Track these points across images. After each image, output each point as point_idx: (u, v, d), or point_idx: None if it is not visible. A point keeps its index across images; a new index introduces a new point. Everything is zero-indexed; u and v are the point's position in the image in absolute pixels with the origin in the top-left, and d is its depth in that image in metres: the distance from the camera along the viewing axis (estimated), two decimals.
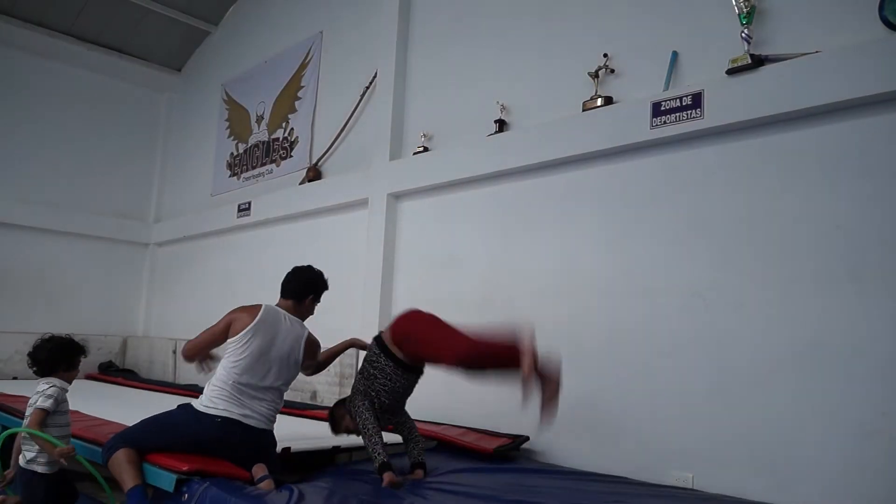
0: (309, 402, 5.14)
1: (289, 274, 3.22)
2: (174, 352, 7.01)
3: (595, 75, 3.79)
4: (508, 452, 3.50)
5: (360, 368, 3.08)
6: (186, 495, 2.43)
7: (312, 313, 3.24)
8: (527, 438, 3.62)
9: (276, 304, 3.14)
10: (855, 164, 2.87)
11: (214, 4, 7.73)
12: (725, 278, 3.18)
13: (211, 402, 2.81)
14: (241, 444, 2.78)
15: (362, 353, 4.86)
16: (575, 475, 3.19)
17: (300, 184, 5.98)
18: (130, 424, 2.97)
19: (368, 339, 4.82)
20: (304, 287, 3.16)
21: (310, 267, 3.24)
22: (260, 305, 3.01)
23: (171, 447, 2.73)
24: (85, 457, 2.75)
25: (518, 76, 4.37)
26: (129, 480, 2.62)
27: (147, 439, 2.76)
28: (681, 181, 3.42)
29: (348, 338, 3.40)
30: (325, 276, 3.25)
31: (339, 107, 5.82)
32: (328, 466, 3.24)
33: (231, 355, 2.89)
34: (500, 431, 3.72)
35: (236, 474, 2.65)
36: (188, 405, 2.89)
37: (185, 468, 2.54)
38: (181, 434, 2.76)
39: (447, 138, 4.73)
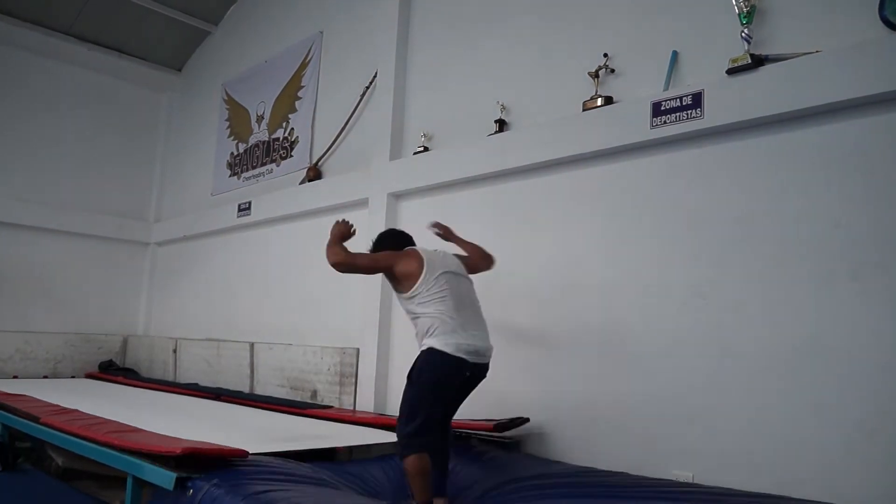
0: (309, 401, 5.15)
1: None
2: (174, 351, 7.01)
3: (595, 75, 3.79)
4: (510, 426, 3.54)
5: None
6: (192, 491, 2.41)
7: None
8: (526, 420, 3.63)
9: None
10: (855, 164, 2.87)
11: (214, 4, 7.72)
12: (725, 278, 3.19)
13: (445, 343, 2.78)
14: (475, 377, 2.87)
15: (363, 353, 4.91)
16: (575, 472, 3.19)
17: (300, 183, 5.99)
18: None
19: (366, 341, 4.88)
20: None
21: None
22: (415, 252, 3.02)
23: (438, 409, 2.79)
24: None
25: (518, 76, 4.37)
26: (418, 494, 2.66)
27: (426, 430, 2.71)
28: (681, 181, 3.42)
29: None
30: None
31: (339, 106, 5.83)
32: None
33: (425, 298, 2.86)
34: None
35: (231, 453, 2.64)
36: (427, 354, 2.79)
37: (178, 451, 2.50)
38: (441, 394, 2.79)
39: (447, 138, 4.73)
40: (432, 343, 2.78)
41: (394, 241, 3.14)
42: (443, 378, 2.78)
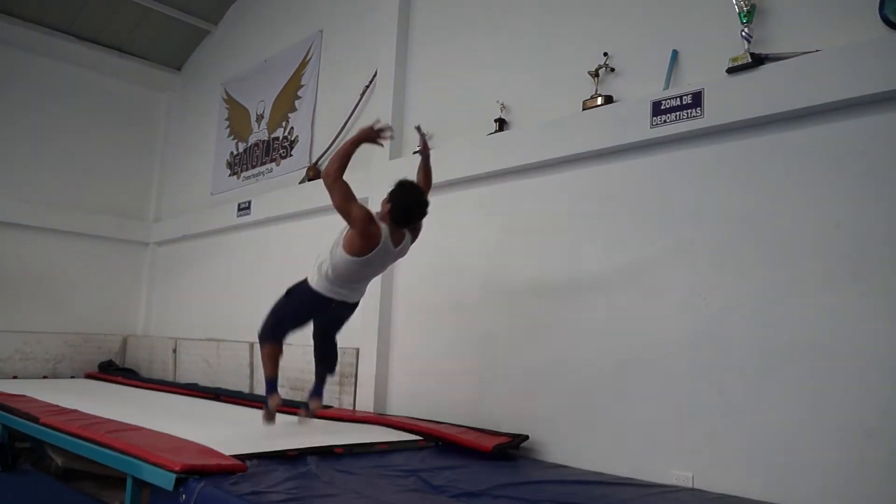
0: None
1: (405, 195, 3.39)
2: (174, 351, 7.01)
3: (595, 74, 3.79)
4: (508, 451, 3.50)
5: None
6: (184, 496, 2.42)
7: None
8: (526, 437, 3.62)
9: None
10: (855, 164, 2.87)
11: (214, 4, 7.72)
12: (725, 278, 3.18)
13: (318, 284, 3.47)
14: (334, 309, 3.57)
15: (363, 353, 4.90)
16: (575, 474, 3.19)
17: (300, 183, 5.98)
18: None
19: (366, 341, 4.88)
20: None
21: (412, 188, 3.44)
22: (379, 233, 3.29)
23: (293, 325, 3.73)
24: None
25: (518, 75, 4.36)
26: (267, 370, 3.73)
27: (279, 327, 3.70)
28: (681, 180, 3.42)
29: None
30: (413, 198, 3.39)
31: (339, 105, 5.82)
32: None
33: (340, 260, 3.34)
34: (500, 431, 3.72)
35: (231, 468, 2.64)
36: (301, 283, 3.58)
37: (178, 468, 2.51)
38: (296, 312, 3.67)
39: (447, 137, 4.72)
40: (310, 277, 3.52)
41: (398, 212, 3.31)
42: (305, 303, 3.57)
